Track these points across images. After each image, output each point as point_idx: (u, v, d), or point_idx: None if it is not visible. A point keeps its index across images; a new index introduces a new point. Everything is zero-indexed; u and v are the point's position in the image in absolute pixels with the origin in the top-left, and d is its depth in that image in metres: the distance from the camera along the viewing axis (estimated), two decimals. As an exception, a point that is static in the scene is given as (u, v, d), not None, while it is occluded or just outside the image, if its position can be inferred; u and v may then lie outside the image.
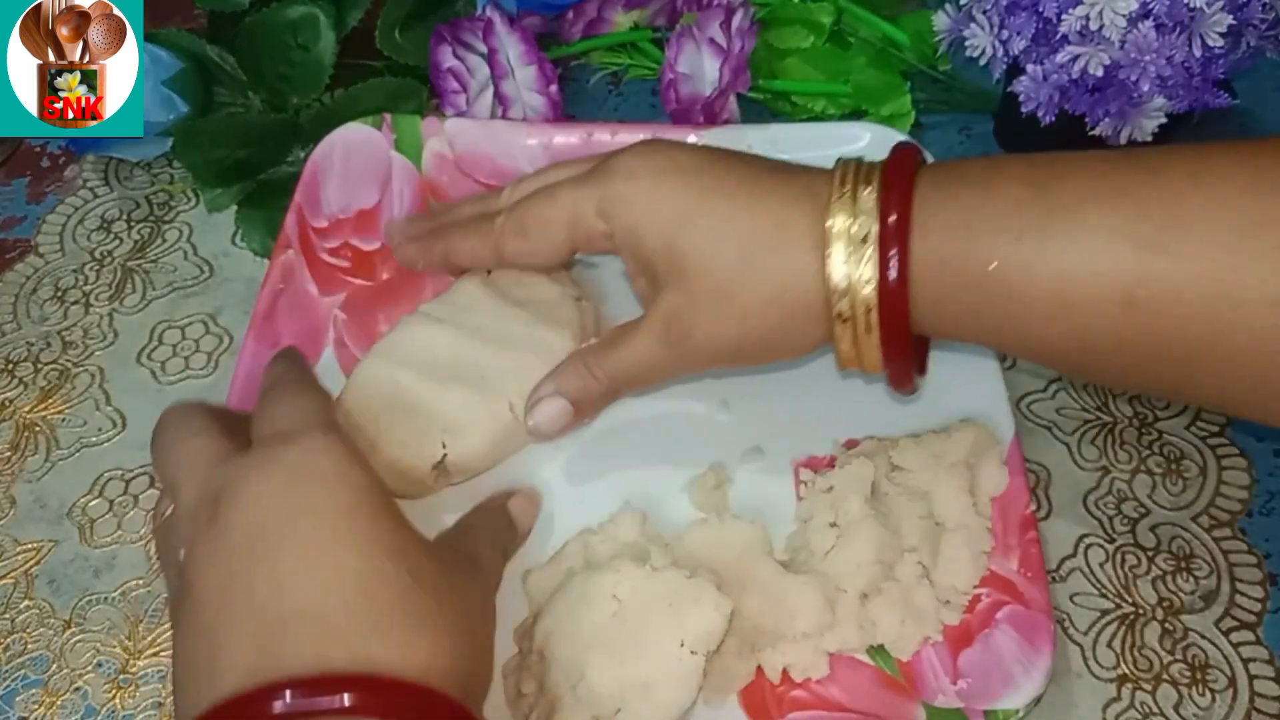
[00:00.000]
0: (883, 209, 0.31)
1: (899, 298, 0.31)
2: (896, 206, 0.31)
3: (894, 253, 0.30)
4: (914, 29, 0.52)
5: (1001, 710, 0.33)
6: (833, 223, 0.31)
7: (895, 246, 0.30)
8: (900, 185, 0.31)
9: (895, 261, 0.30)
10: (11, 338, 0.48)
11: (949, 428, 0.38)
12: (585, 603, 0.33)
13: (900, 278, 0.30)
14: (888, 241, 0.30)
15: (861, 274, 0.31)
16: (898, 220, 0.30)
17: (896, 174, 0.32)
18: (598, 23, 0.53)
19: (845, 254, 0.31)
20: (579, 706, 0.32)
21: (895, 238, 0.30)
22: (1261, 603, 0.37)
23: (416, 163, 0.46)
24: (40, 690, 0.38)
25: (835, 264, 0.31)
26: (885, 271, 0.31)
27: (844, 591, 0.34)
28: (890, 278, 0.31)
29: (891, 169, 0.32)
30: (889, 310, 0.31)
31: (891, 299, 0.31)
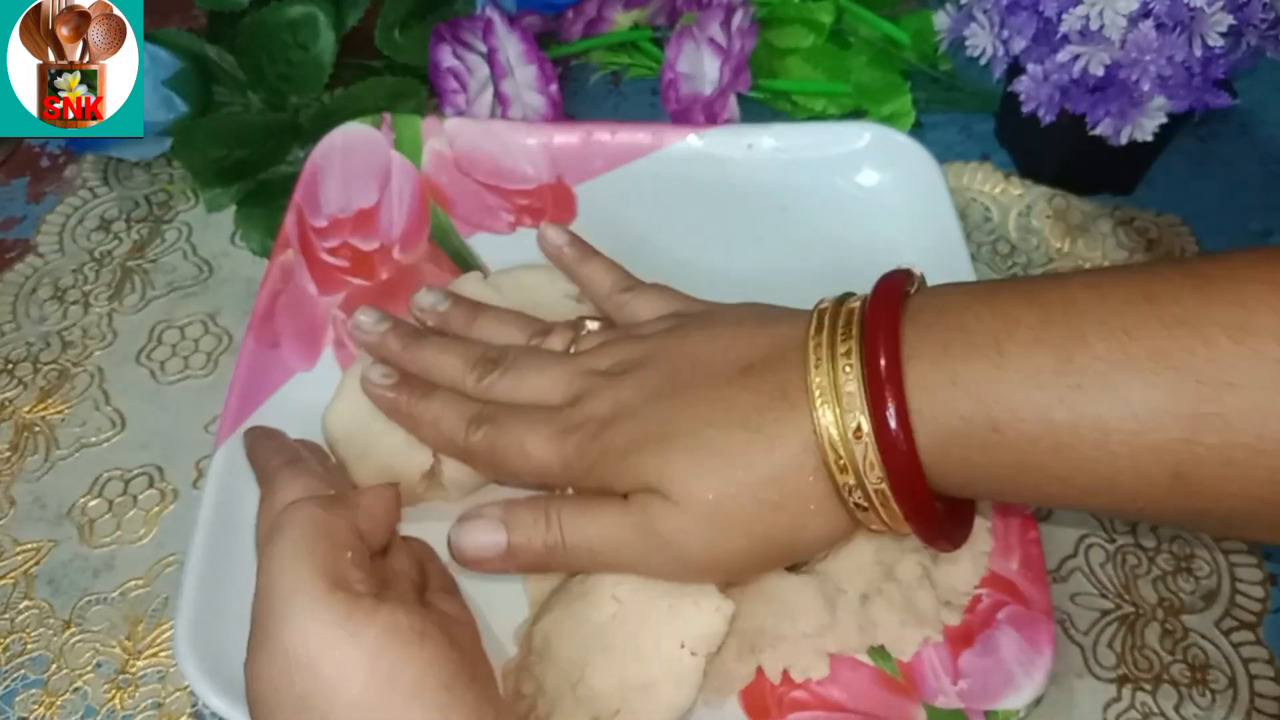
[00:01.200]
0: (874, 407, 0.27)
1: (912, 476, 0.28)
2: (892, 393, 0.27)
3: (897, 434, 0.27)
4: (914, 28, 0.52)
5: (1002, 711, 0.32)
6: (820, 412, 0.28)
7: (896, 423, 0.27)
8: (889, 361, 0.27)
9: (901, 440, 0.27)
10: (11, 338, 0.48)
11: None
12: (585, 603, 0.33)
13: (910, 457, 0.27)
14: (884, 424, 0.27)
15: (866, 460, 0.28)
16: (894, 401, 0.27)
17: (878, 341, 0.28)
18: (598, 22, 0.53)
19: (840, 444, 0.28)
20: (579, 707, 0.32)
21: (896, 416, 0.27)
22: (1261, 603, 0.37)
23: (416, 162, 0.46)
24: (40, 690, 0.38)
25: (831, 458, 0.28)
26: (890, 453, 0.27)
27: (844, 592, 0.34)
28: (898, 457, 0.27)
29: (871, 335, 0.28)
30: (904, 489, 0.28)
31: (903, 478, 0.28)
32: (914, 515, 0.29)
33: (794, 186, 0.45)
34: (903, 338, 0.28)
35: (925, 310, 0.28)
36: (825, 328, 0.29)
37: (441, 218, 0.46)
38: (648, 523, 0.31)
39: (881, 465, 0.28)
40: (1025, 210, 0.49)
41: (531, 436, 0.33)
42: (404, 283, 0.44)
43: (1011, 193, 0.49)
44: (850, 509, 0.29)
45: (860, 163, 0.45)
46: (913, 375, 0.27)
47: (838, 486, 0.29)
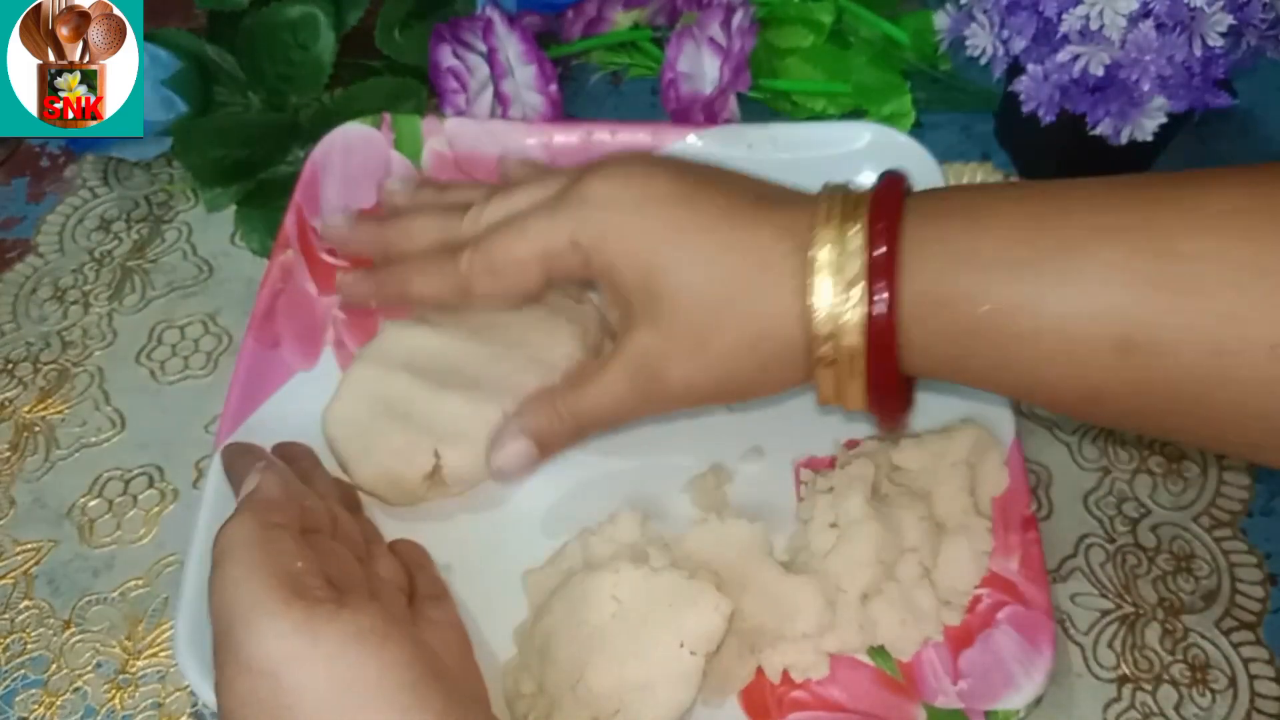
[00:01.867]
0: (870, 244, 0.29)
1: (887, 339, 0.29)
2: (884, 242, 0.29)
3: (882, 291, 0.29)
4: (914, 28, 0.52)
5: (1002, 710, 0.32)
6: (816, 258, 0.30)
7: (884, 284, 0.29)
8: (888, 220, 0.29)
9: (884, 300, 0.29)
10: (11, 338, 0.48)
11: (949, 428, 0.38)
12: (585, 603, 0.33)
13: (889, 317, 0.29)
14: (875, 278, 0.29)
15: (847, 313, 0.29)
16: (885, 255, 0.29)
17: (883, 207, 0.30)
18: (598, 22, 0.53)
19: (830, 291, 0.30)
20: (578, 707, 0.32)
21: (883, 274, 0.29)
22: (1261, 603, 0.37)
23: (416, 162, 0.46)
24: (40, 690, 0.38)
25: (819, 301, 0.30)
26: (872, 310, 0.29)
27: (844, 592, 0.34)
28: (877, 316, 0.29)
29: (878, 202, 0.30)
30: (877, 352, 0.30)
31: (880, 340, 0.29)
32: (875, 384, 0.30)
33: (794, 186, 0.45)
34: (904, 211, 0.30)
35: (924, 195, 0.31)
36: (839, 197, 0.31)
37: (441, 218, 0.46)
38: (641, 362, 0.33)
39: (862, 334, 0.29)
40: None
41: (533, 219, 0.34)
42: (404, 283, 0.44)
43: (1011, 193, 0.49)
44: (815, 366, 0.31)
45: (860, 163, 0.45)
46: (906, 244, 0.29)
47: (813, 340, 0.30)
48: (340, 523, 0.34)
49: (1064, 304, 0.27)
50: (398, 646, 0.27)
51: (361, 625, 0.27)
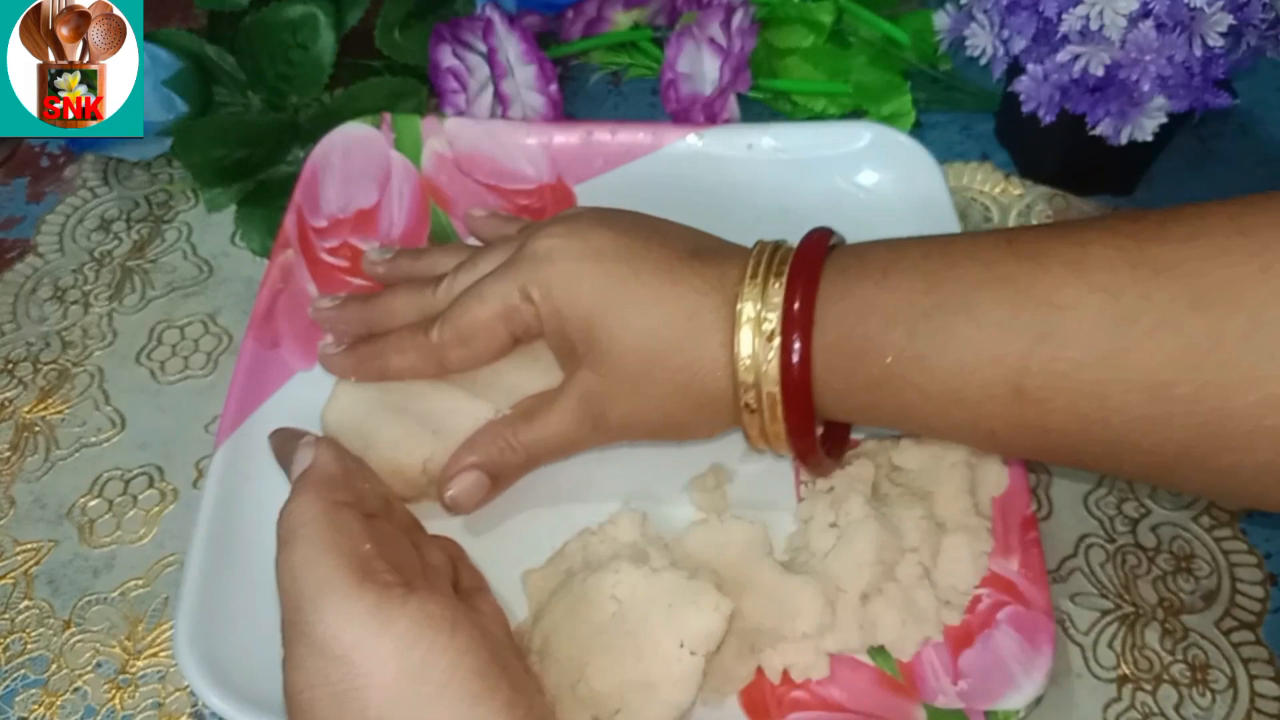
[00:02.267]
0: (787, 300, 0.31)
1: (802, 388, 0.31)
2: (801, 298, 0.31)
3: (796, 344, 0.31)
4: (914, 28, 0.52)
5: (1002, 710, 0.32)
6: (741, 311, 0.32)
7: (798, 337, 0.31)
8: (806, 276, 0.31)
9: (798, 353, 0.31)
10: (11, 338, 0.48)
11: None
12: (585, 603, 0.33)
13: (803, 367, 0.31)
14: (790, 333, 0.31)
15: (766, 363, 0.31)
16: (801, 311, 0.31)
17: (803, 264, 0.32)
18: (598, 22, 0.53)
19: (751, 343, 0.31)
20: (578, 706, 0.32)
21: (798, 328, 0.31)
22: (1261, 603, 0.37)
23: (416, 162, 0.46)
24: (40, 690, 0.38)
25: (742, 351, 0.32)
26: (788, 362, 0.31)
27: (844, 592, 0.34)
28: (793, 367, 0.31)
29: (800, 259, 0.32)
30: (792, 400, 0.32)
31: (794, 389, 0.31)
32: (794, 429, 0.32)
33: (794, 186, 0.45)
34: (823, 268, 0.32)
35: (842, 251, 0.33)
36: (765, 255, 0.33)
37: (441, 218, 0.46)
38: (585, 400, 0.35)
39: (778, 382, 0.31)
40: (1025, 210, 0.49)
41: (487, 283, 0.36)
42: (404, 283, 0.44)
43: (1011, 193, 0.49)
44: (740, 412, 0.33)
45: (860, 163, 0.45)
46: (821, 300, 0.31)
47: (737, 389, 0.32)
48: (393, 507, 0.35)
49: (959, 356, 0.29)
50: (466, 634, 0.28)
51: (431, 612, 0.28)
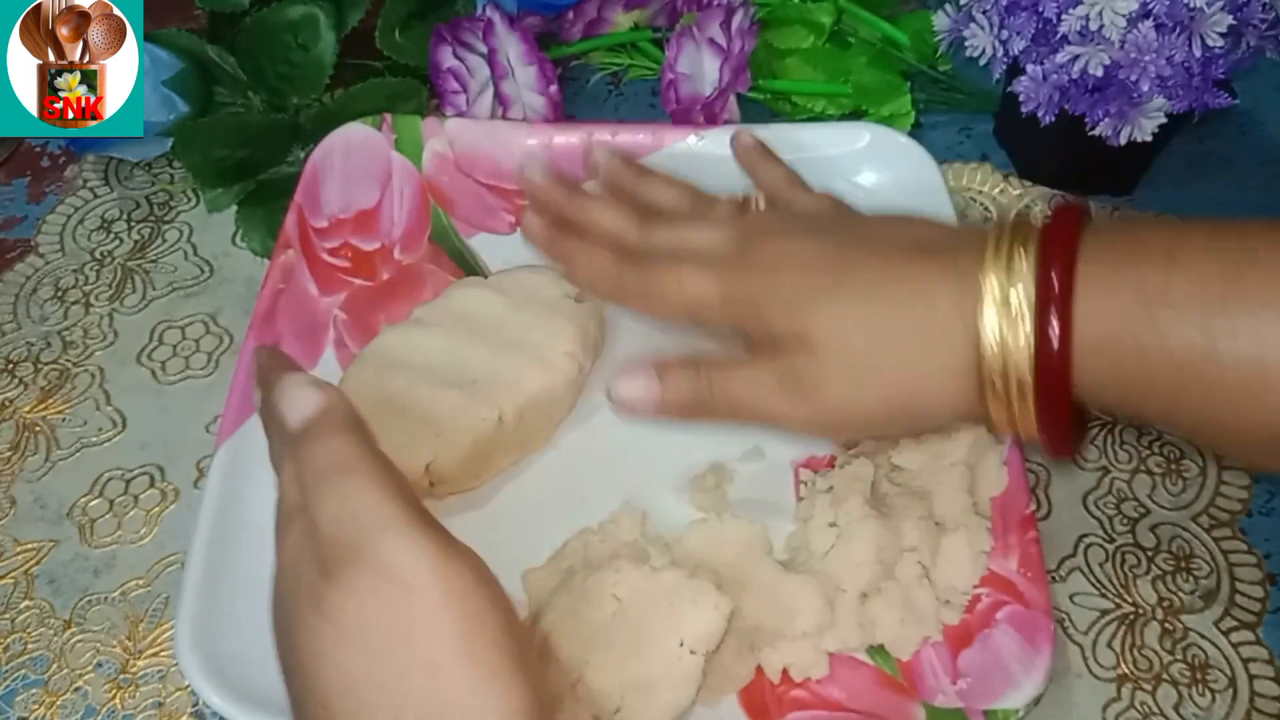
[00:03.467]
0: (1041, 278, 0.28)
1: (1060, 377, 0.28)
2: (1058, 274, 0.28)
3: (1055, 328, 0.28)
4: (914, 29, 0.52)
5: (1001, 710, 0.32)
6: (985, 287, 0.29)
7: (1056, 320, 0.28)
8: (1062, 249, 0.28)
9: (1057, 338, 0.28)
10: (11, 338, 0.48)
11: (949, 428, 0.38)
12: (585, 602, 0.33)
13: (1062, 354, 0.28)
14: (1045, 315, 0.28)
15: (1017, 348, 0.28)
16: (1060, 289, 0.28)
17: (1057, 235, 0.29)
18: (598, 23, 0.53)
19: (998, 324, 0.29)
20: (578, 706, 0.32)
21: (1057, 309, 0.28)
22: (1261, 603, 0.37)
23: (417, 163, 0.46)
24: (40, 690, 0.38)
25: (987, 334, 0.29)
26: (1045, 344, 0.28)
27: (844, 591, 0.34)
28: (1051, 350, 0.28)
29: (1052, 231, 0.29)
30: (1048, 385, 0.29)
31: (1051, 377, 0.28)
32: (1046, 422, 0.29)
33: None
34: (1081, 243, 0.28)
35: (1101, 226, 0.29)
36: (1007, 232, 0.30)
37: (442, 218, 0.46)
38: (792, 373, 0.32)
39: (1033, 371, 0.28)
40: (1025, 210, 0.49)
41: (690, 270, 0.34)
42: (405, 283, 0.45)
43: (1011, 193, 0.49)
44: (985, 392, 0.29)
45: (860, 163, 0.45)
46: (1084, 277, 0.28)
47: (983, 375, 0.29)
48: None
49: (1259, 352, 0.26)
50: (495, 589, 0.27)
51: (482, 570, 0.27)
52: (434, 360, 0.39)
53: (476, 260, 0.45)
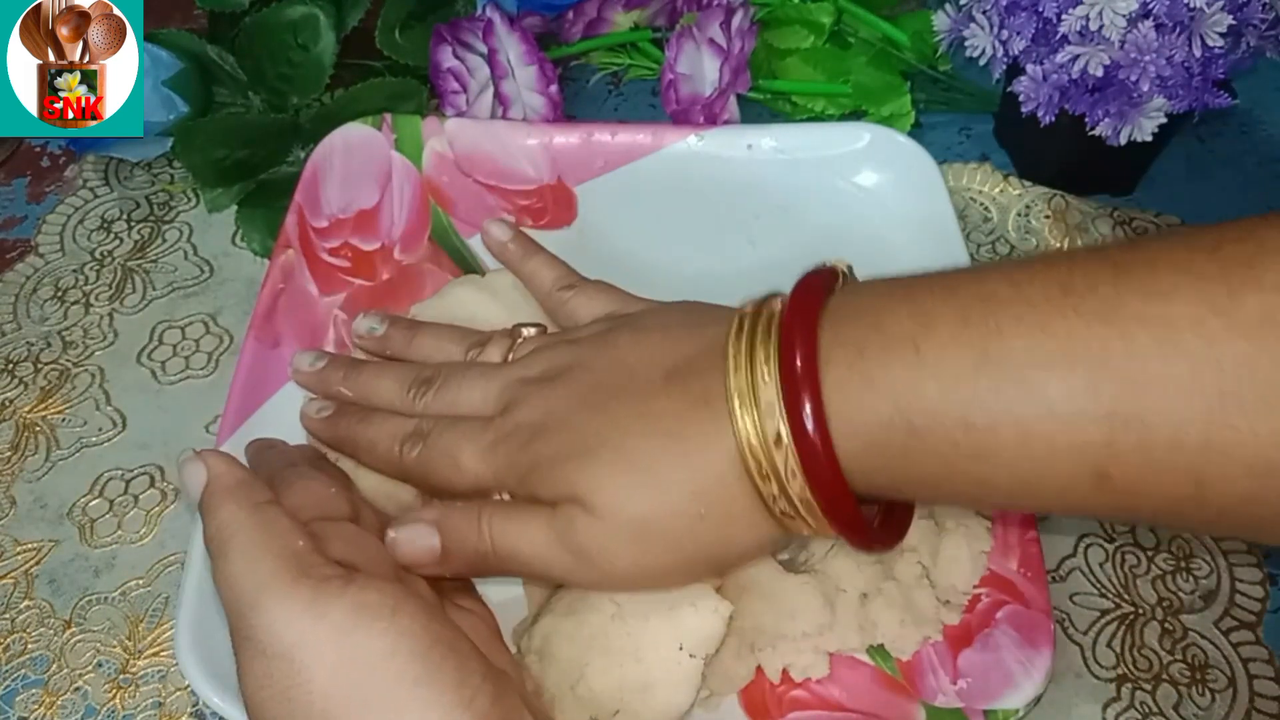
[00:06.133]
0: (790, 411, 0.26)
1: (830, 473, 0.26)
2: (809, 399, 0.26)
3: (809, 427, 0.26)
4: (914, 29, 0.52)
5: (1001, 710, 0.32)
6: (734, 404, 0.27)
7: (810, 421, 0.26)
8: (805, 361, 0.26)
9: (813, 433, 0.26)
10: (11, 338, 0.48)
11: None
12: (585, 604, 0.33)
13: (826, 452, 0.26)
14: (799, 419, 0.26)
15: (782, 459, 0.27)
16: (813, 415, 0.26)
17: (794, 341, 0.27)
18: (598, 23, 0.54)
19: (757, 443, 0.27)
20: (578, 707, 0.32)
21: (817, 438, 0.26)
22: (1261, 603, 0.37)
23: (417, 163, 0.46)
24: (40, 690, 0.38)
25: (749, 446, 0.27)
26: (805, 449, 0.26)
27: (844, 591, 0.34)
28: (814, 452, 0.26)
29: (788, 335, 0.27)
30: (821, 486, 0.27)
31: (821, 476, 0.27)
32: (838, 521, 0.28)
33: (794, 187, 0.45)
34: (820, 340, 0.27)
35: (843, 311, 0.28)
36: (745, 331, 0.28)
37: (442, 218, 0.46)
38: (572, 537, 0.30)
39: (802, 472, 0.27)
40: (1024, 211, 0.49)
41: (464, 449, 0.33)
42: (405, 283, 0.44)
43: (1010, 193, 0.50)
44: (777, 517, 0.28)
45: (860, 163, 0.45)
46: (829, 378, 0.26)
47: (762, 495, 0.28)
48: (362, 513, 0.34)
49: (1029, 447, 0.25)
50: (409, 618, 0.27)
51: (370, 599, 0.27)
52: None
53: (476, 260, 0.45)
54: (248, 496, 0.29)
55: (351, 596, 0.27)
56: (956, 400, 0.25)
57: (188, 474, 0.30)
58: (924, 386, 0.25)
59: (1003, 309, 0.25)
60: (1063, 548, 0.39)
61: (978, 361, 0.25)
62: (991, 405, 0.25)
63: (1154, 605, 0.38)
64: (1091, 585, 0.38)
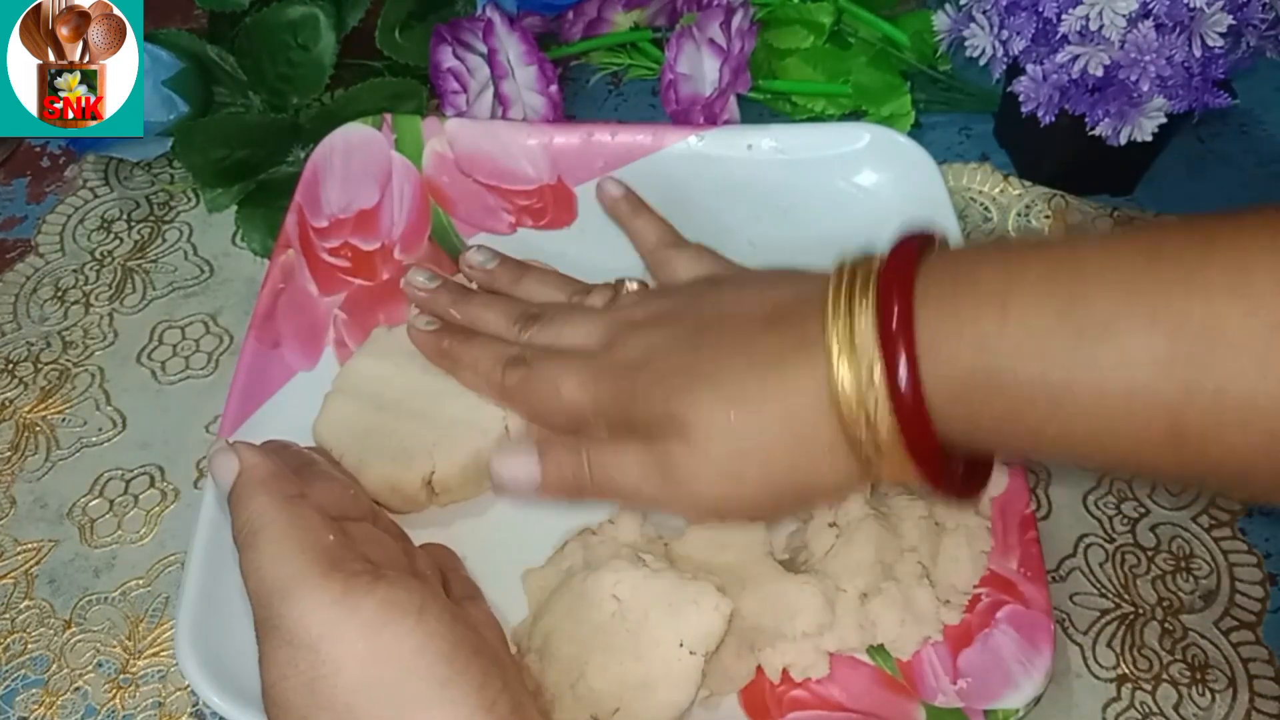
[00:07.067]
0: (880, 326, 0.28)
1: (919, 419, 0.28)
2: (898, 320, 0.28)
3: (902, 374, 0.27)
4: (914, 29, 0.52)
5: (1001, 710, 0.33)
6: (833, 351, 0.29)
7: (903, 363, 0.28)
8: (899, 294, 0.28)
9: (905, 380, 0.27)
10: (11, 338, 0.48)
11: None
12: (585, 602, 0.33)
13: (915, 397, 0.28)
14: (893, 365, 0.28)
15: (873, 401, 0.28)
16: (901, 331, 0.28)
17: (891, 282, 0.29)
18: (598, 23, 0.54)
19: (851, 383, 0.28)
20: (578, 706, 0.32)
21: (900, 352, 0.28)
22: (1261, 603, 0.37)
23: (417, 163, 0.46)
24: (40, 690, 0.38)
25: (845, 392, 0.29)
26: (896, 393, 0.28)
27: (844, 591, 0.34)
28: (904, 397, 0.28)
29: (886, 278, 0.29)
30: (910, 432, 0.28)
31: (910, 421, 0.28)
32: (922, 465, 0.29)
33: (794, 187, 0.45)
34: (915, 292, 0.28)
35: (939, 267, 0.29)
36: (845, 282, 0.30)
37: (442, 218, 0.46)
38: (668, 466, 0.32)
39: (892, 415, 0.28)
40: (1024, 210, 0.49)
41: (566, 378, 0.35)
42: (404, 283, 0.44)
43: (1010, 193, 0.50)
44: (862, 460, 0.30)
45: (860, 163, 0.45)
46: (923, 327, 0.28)
47: (849, 435, 0.29)
48: (380, 515, 0.35)
49: (1105, 397, 0.25)
50: (436, 619, 0.28)
51: (399, 597, 0.27)
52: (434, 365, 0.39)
53: (476, 260, 0.45)
54: (280, 489, 0.30)
55: (381, 593, 0.27)
56: (1039, 353, 0.26)
57: (219, 464, 0.31)
58: (1009, 338, 0.26)
59: (1090, 270, 0.26)
60: (1063, 548, 0.39)
61: (1062, 317, 0.26)
62: (1073, 359, 0.26)
63: (1154, 605, 0.38)
64: (1091, 585, 0.38)
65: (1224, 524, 0.39)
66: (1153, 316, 0.25)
